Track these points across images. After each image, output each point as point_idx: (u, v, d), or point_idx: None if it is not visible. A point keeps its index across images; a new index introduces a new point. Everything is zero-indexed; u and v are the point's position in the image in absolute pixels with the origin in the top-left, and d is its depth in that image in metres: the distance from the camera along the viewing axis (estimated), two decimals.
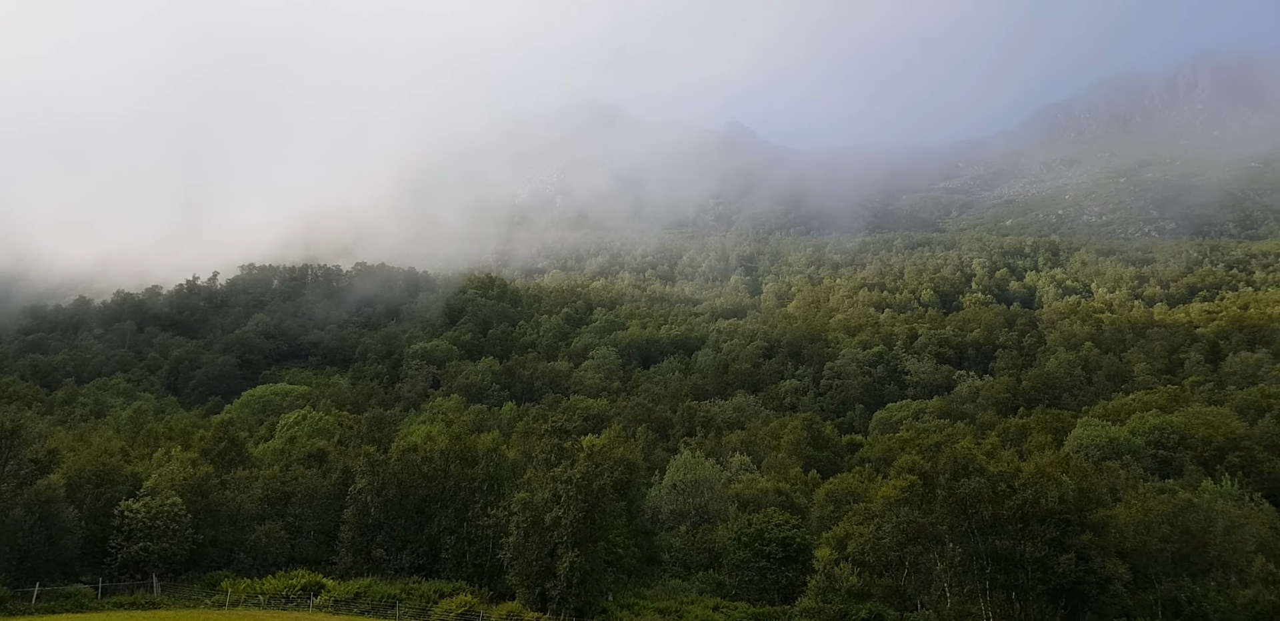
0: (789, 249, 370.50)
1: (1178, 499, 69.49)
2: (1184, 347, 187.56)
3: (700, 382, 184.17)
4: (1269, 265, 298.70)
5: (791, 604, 63.20)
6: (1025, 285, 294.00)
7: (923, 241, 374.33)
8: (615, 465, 70.43)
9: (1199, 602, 59.78)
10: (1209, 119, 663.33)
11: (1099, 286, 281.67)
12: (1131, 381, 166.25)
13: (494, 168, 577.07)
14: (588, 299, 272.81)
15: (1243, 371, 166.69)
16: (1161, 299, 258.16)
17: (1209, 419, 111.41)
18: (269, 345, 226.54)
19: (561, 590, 58.00)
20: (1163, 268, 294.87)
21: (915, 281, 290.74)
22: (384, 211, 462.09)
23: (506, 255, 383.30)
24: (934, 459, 63.94)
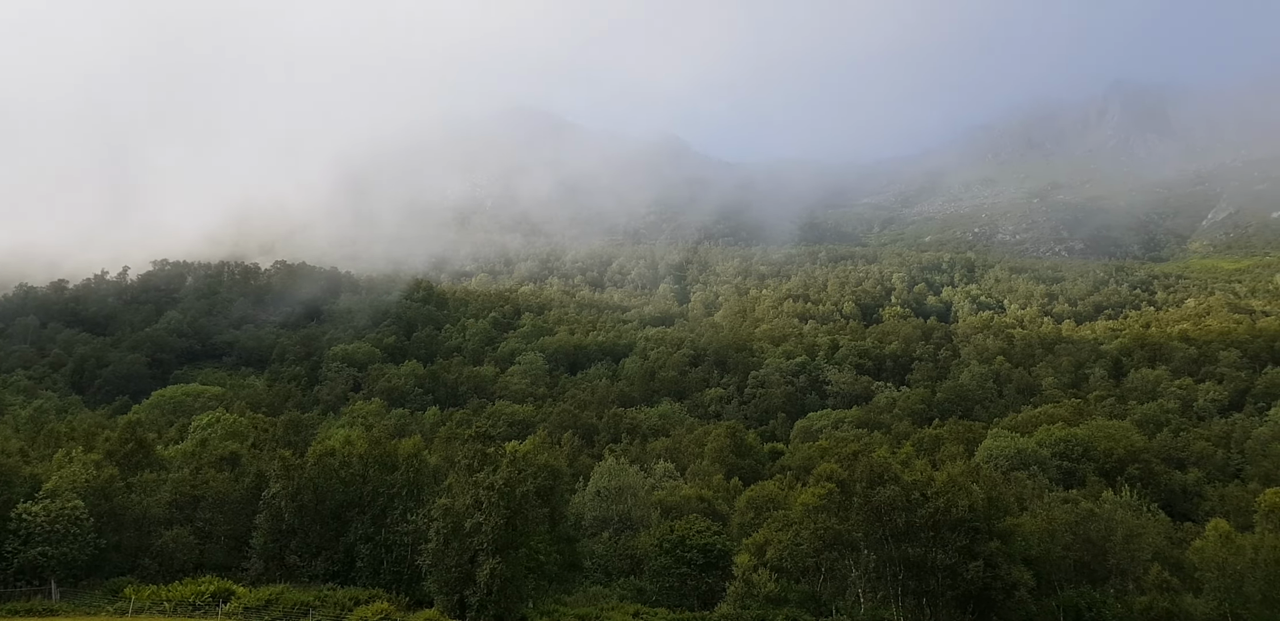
0: (717, 259, 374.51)
1: (1080, 508, 72.12)
2: (1089, 363, 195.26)
3: (627, 389, 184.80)
4: (1170, 286, 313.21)
5: (711, 609, 63.82)
6: (942, 300, 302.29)
7: (846, 255, 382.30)
8: (539, 471, 70.10)
9: (1098, 608, 62.15)
10: (1118, 145, 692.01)
11: (1011, 303, 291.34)
12: (1040, 394, 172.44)
13: (433, 170, 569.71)
14: (516, 304, 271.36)
15: (1143, 387, 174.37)
16: (1070, 316, 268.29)
17: (1111, 432, 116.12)
18: (181, 344, 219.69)
19: (481, 597, 57.48)
20: (1071, 286, 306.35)
21: (838, 294, 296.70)
22: (318, 210, 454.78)
23: (437, 258, 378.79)
24: (851, 467, 65.13)
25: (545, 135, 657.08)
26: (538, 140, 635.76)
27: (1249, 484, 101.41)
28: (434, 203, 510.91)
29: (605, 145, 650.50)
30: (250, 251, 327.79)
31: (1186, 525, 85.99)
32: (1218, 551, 61.03)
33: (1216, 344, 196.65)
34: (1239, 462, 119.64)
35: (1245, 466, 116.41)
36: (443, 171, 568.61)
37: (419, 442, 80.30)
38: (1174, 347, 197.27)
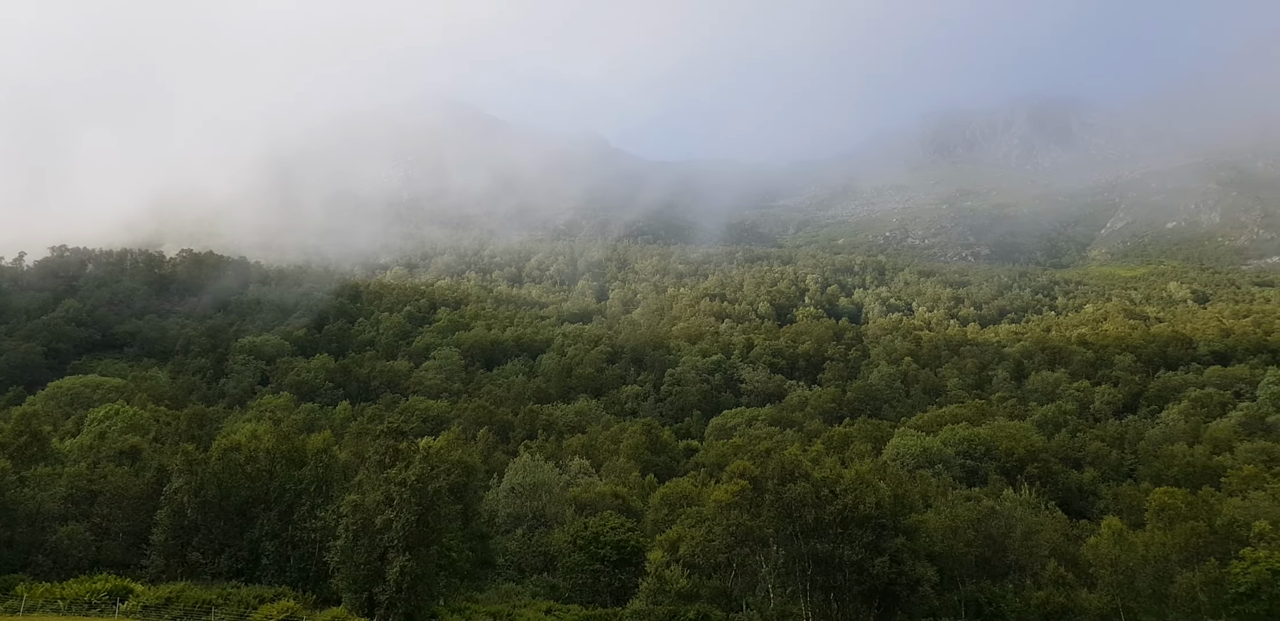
0: (636, 257, 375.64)
1: (982, 506, 74.38)
2: (993, 365, 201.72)
3: (543, 386, 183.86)
4: (1070, 292, 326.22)
5: (623, 606, 64.10)
6: (854, 301, 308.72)
7: (762, 256, 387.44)
8: (452, 468, 69.20)
9: (997, 603, 64.28)
10: (1023, 154, 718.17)
11: (920, 305, 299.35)
12: (945, 395, 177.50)
13: (361, 162, 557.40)
14: (432, 298, 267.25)
15: (1043, 389, 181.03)
16: (975, 319, 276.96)
17: (1012, 432, 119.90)
18: (80, 334, 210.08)
19: (390, 594, 56.58)
20: (977, 290, 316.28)
21: (754, 294, 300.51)
22: (244, 199, 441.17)
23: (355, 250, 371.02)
24: (764, 465, 66.02)
25: (476, 131, 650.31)
26: (468, 135, 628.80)
27: (1141, 483, 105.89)
28: (359, 194, 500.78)
29: (535, 142, 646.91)
30: (171, 240, 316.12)
31: (1082, 522, 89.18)
32: (1111, 548, 63.64)
33: (1113, 348, 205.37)
34: (1132, 463, 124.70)
35: (1138, 466, 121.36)
36: (370, 163, 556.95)
37: (329, 438, 78.40)
38: (1073, 351, 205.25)
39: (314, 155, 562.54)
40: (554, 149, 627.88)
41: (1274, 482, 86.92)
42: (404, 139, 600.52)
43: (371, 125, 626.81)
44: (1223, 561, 58.87)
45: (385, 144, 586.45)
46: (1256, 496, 80.00)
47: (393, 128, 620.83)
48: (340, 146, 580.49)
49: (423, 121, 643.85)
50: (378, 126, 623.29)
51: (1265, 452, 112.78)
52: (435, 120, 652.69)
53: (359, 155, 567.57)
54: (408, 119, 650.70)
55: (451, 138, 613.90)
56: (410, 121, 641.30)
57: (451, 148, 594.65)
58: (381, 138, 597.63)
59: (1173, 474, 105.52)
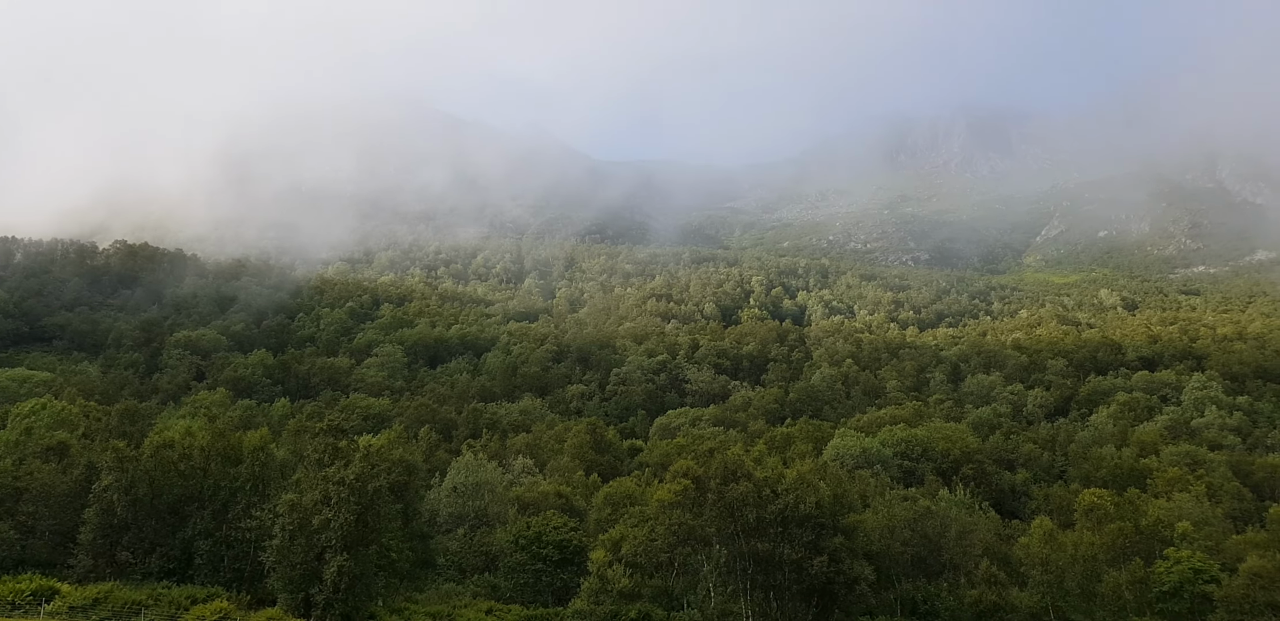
0: (584, 256, 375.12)
1: (918, 506, 75.59)
2: (930, 368, 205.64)
3: (488, 384, 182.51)
4: (1006, 297, 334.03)
5: (565, 605, 64.03)
6: (797, 303, 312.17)
7: (709, 257, 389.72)
8: (393, 466, 68.50)
9: (932, 601, 65.44)
10: (963, 162, 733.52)
11: (861, 308, 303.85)
12: (884, 396, 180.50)
13: (313, 156, 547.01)
14: (375, 294, 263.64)
15: (978, 392, 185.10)
16: (914, 323, 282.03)
17: (948, 434, 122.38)
18: (6, 326, 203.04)
19: (327, 595, 55.72)
20: (916, 294, 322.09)
21: (700, 295, 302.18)
22: (195, 192, 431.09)
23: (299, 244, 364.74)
24: (707, 464, 66.38)
25: (434, 128, 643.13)
26: (425, 132, 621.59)
27: (1071, 485, 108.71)
28: (314, 189, 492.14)
29: (489, 140, 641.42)
30: (119, 232, 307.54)
31: (1014, 522, 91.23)
32: (1041, 547, 65.30)
33: (1046, 353, 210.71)
34: (1063, 465, 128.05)
35: (1068, 468, 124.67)
36: (325, 158, 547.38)
37: (266, 435, 76.99)
38: (1007, 355, 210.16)
39: (271, 149, 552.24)
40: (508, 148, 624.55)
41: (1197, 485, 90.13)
42: (361, 135, 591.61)
43: (328, 120, 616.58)
44: (1148, 561, 60.86)
45: (342, 139, 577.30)
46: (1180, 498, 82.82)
47: (350, 123, 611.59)
48: (297, 141, 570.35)
49: (381, 118, 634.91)
50: (335, 122, 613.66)
51: (1189, 456, 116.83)
52: (393, 117, 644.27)
53: (316, 150, 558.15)
54: (365, 115, 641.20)
55: (408, 134, 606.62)
56: (367, 118, 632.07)
57: (408, 144, 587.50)
58: (338, 133, 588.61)
59: (1101, 476, 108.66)
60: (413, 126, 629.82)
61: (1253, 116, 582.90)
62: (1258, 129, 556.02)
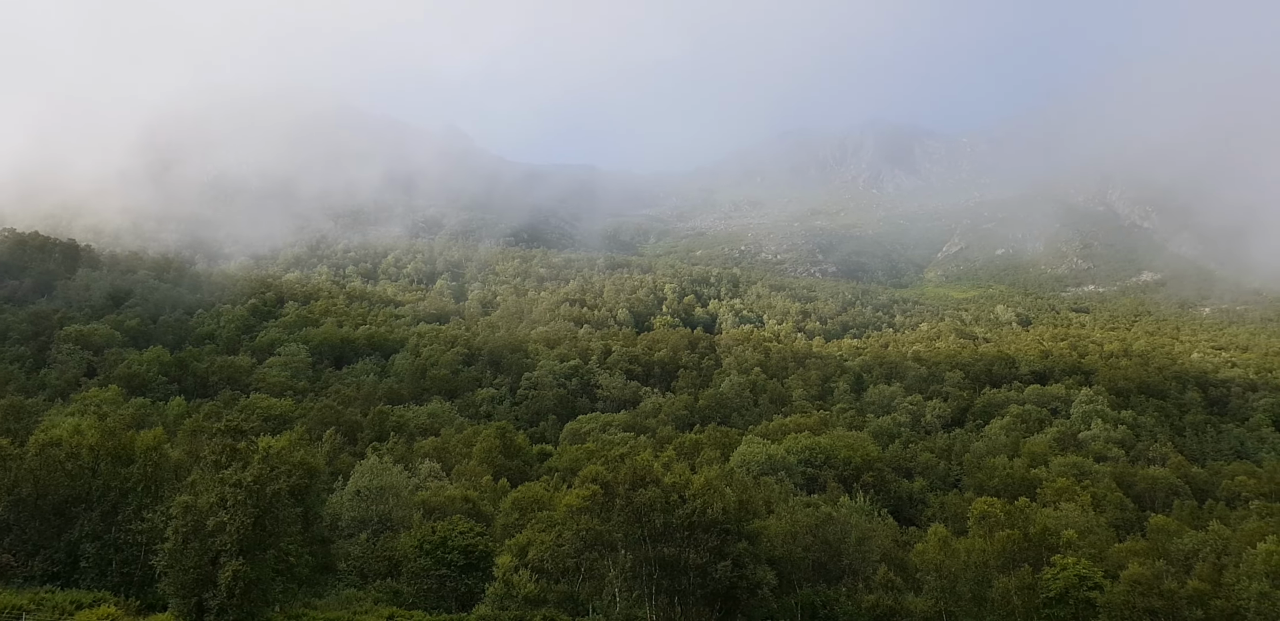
0: (497, 259, 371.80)
1: (820, 512, 77.22)
2: (835, 377, 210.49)
3: (395, 387, 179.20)
4: (908, 310, 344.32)
5: (469, 611, 63.38)
6: (709, 312, 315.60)
7: (623, 263, 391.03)
8: (294, 469, 66.51)
9: (831, 606, 66.78)
10: (870, 177, 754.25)
11: (770, 318, 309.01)
12: (790, 405, 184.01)
13: (235, 148, 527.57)
14: (280, 291, 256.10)
15: (880, 401, 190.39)
16: (820, 333, 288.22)
17: (850, 442, 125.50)
18: None
19: (221, 600, 53.89)
20: (823, 305, 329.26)
21: (614, 300, 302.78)
22: (112, 182, 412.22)
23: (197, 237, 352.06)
24: (616, 470, 66.68)
25: (358, 126, 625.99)
26: (348, 130, 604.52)
27: (965, 493, 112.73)
28: (231, 182, 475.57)
29: (415, 142, 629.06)
30: (26, 223, 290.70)
31: (911, 529, 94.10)
32: (936, 554, 67.34)
33: (944, 365, 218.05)
34: (958, 473, 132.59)
35: (963, 477, 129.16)
36: (247, 151, 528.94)
37: (160, 435, 74.08)
38: (908, 367, 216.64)
39: (193, 141, 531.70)
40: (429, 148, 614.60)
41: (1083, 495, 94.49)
42: (284, 130, 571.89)
43: (253, 114, 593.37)
44: (1036, 567, 63.31)
45: (264, 134, 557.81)
46: (1067, 507, 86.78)
47: (274, 118, 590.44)
48: (221, 133, 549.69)
49: (304, 114, 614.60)
50: (260, 115, 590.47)
51: (1076, 466, 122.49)
52: (318, 113, 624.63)
53: (238, 143, 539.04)
54: (291, 110, 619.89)
55: (331, 131, 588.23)
56: (292, 113, 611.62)
57: (330, 141, 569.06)
58: (262, 127, 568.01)
59: (994, 485, 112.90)
60: (337, 123, 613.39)
61: (1142, 144, 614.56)
62: (1146, 156, 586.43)
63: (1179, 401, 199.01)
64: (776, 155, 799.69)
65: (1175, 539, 77.64)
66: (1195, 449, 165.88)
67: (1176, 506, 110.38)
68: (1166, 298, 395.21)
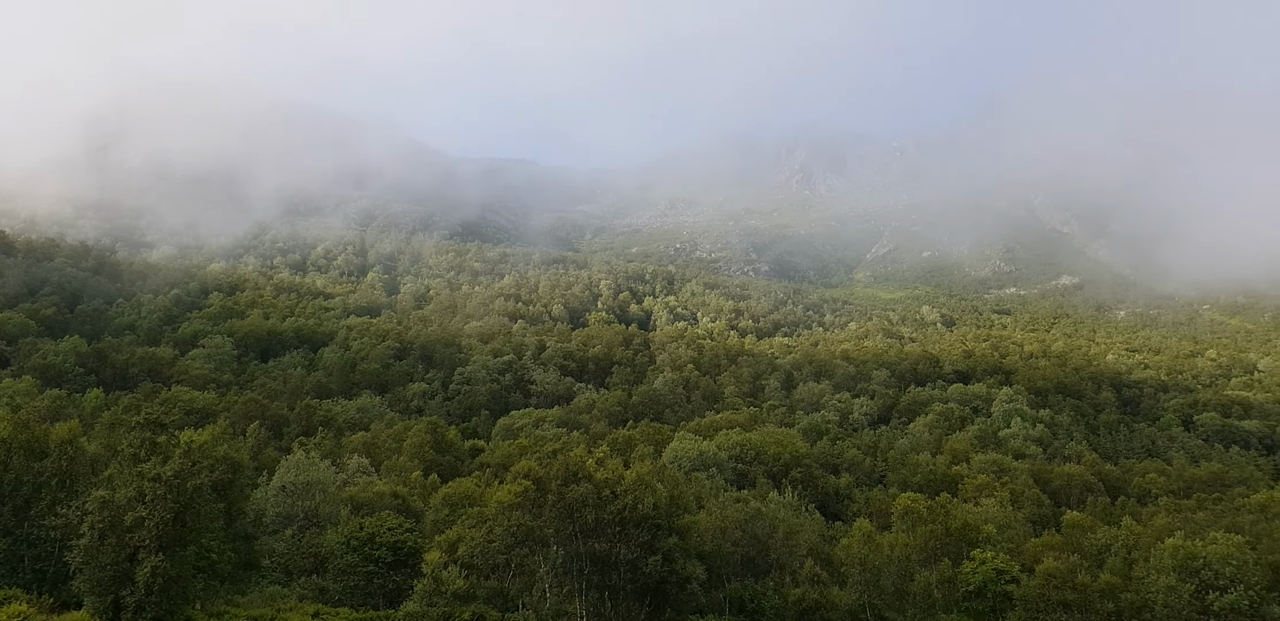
0: (431, 252, 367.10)
1: (749, 508, 78.17)
2: (766, 375, 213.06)
3: (324, 380, 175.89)
4: (837, 310, 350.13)
5: (397, 608, 62.77)
6: (644, 309, 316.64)
7: (559, 259, 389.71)
8: (217, 464, 65.37)
9: (758, 600, 67.83)
10: (803, 180, 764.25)
11: (704, 316, 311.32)
12: (722, 402, 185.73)
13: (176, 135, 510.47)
14: (204, 281, 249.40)
15: (809, 399, 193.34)
16: (753, 331, 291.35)
17: (780, 438, 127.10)
18: None
19: (139, 598, 52.50)
20: (755, 304, 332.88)
21: (549, 296, 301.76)
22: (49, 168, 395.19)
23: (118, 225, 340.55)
24: (548, 466, 66.67)
25: (294, 117, 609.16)
26: (283, 120, 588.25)
27: (890, 489, 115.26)
28: (154, 168, 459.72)
29: (349, 134, 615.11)
30: None
31: (837, 524, 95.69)
32: (861, 548, 68.78)
33: (871, 364, 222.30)
34: (883, 470, 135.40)
35: (887, 473, 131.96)
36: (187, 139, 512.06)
37: (76, 428, 71.79)
38: (836, 365, 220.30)
39: (128, 130, 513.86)
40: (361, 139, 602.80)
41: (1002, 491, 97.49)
42: (221, 119, 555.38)
43: (191, 103, 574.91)
44: (956, 562, 65.22)
45: (202, 122, 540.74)
46: (987, 503, 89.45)
47: (213, 107, 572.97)
48: (160, 121, 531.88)
49: (239, 106, 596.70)
50: (198, 105, 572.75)
51: (996, 464, 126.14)
52: (251, 104, 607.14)
53: (175, 132, 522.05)
54: (227, 102, 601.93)
55: (263, 121, 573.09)
56: (228, 105, 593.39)
57: (263, 131, 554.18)
58: (200, 115, 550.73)
59: (917, 481, 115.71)
60: (276, 115, 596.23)
61: (1064, 152, 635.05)
62: (1068, 164, 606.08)
63: (1094, 401, 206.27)
64: (713, 155, 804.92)
65: (1089, 534, 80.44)
66: (1109, 447, 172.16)
67: (1090, 503, 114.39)
68: (1084, 301, 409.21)
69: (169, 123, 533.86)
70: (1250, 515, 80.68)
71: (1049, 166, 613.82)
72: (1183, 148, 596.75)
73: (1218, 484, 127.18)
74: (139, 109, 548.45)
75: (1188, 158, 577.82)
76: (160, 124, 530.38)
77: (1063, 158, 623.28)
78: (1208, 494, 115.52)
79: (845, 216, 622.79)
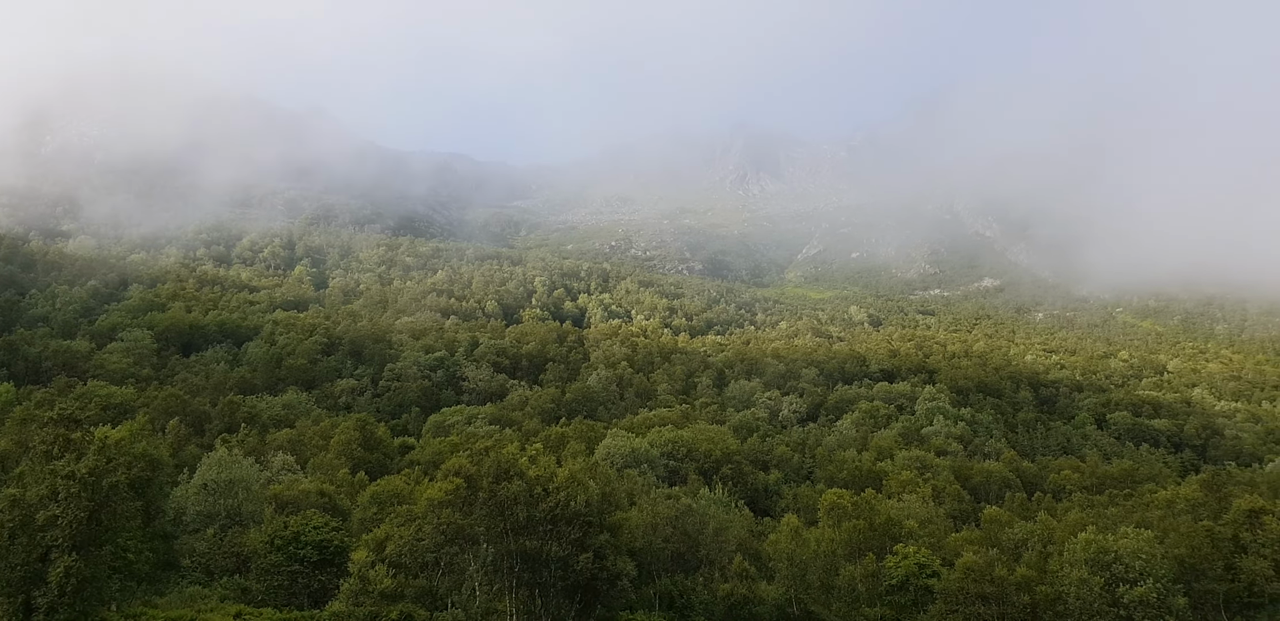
0: (361, 246, 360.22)
1: (680, 504, 78.80)
2: (698, 373, 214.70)
3: (249, 376, 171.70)
4: (769, 309, 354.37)
5: (322, 608, 61.74)
6: (578, 306, 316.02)
7: (493, 254, 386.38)
8: (135, 461, 63.36)
9: (688, 595, 68.50)
10: (736, 180, 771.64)
11: (638, 313, 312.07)
12: (655, 399, 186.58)
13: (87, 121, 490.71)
14: (123, 273, 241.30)
15: (740, 396, 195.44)
16: (686, 329, 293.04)
17: (711, 435, 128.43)
18: None
19: (52, 599, 50.90)
20: (689, 302, 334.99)
21: (483, 292, 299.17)
22: None
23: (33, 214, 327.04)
24: (480, 463, 66.21)
25: (228, 108, 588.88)
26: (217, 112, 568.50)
27: (817, 485, 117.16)
28: (75, 154, 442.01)
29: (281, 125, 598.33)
30: None
31: (766, 520, 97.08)
32: (788, 543, 69.96)
33: (801, 362, 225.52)
34: (810, 466, 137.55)
35: (815, 469, 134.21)
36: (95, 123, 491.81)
37: None
38: (767, 363, 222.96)
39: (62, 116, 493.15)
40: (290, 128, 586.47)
41: (924, 487, 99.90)
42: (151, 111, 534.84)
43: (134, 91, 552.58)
44: (880, 556, 66.72)
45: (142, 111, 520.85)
46: (910, 499, 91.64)
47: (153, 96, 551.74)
48: (97, 109, 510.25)
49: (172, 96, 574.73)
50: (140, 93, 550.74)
51: (919, 460, 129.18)
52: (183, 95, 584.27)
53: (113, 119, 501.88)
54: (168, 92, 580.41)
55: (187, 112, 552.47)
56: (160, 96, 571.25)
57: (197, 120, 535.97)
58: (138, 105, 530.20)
59: (843, 477, 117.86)
60: (207, 106, 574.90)
61: (988, 158, 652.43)
62: (991, 169, 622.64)
63: (1013, 400, 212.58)
64: (649, 154, 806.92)
65: (1006, 529, 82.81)
66: (1026, 444, 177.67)
67: (1008, 498, 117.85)
68: (1005, 303, 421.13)
69: (104, 112, 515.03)
70: (1158, 510, 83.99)
71: (974, 171, 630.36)
72: (1103, 155, 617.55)
73: (1128, 480, 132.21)
74: (73, 97, 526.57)
75: (1107, 164, 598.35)
76: (94, 113, 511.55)
77: (987, 162, 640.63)
78: (1119, 490, 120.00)
79: (778, 217, 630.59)
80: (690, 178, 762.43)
